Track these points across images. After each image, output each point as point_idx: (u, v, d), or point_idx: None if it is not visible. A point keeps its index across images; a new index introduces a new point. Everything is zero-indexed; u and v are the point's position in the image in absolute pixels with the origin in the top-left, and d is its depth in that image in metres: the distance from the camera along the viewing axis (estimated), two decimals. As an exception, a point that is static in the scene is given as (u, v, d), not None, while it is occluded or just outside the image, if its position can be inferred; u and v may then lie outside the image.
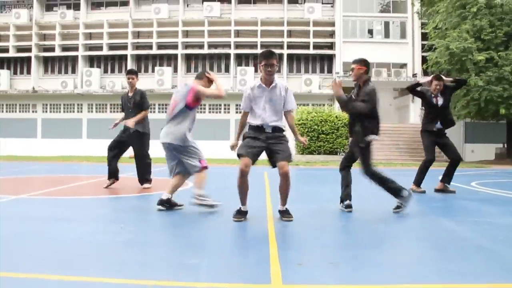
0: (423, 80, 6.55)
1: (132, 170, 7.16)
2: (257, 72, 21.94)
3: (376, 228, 3.96)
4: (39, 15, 26.01)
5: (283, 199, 4.16)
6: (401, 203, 4.53)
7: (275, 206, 4.43)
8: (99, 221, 4.16)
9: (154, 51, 24.92)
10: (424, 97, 6.39)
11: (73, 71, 25.89)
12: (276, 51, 4.21)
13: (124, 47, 25.07)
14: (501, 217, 4.55)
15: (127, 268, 2.57)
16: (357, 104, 4.50)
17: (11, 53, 25.54)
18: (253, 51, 24.23)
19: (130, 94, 6.66)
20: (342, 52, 23.73)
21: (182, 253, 3.02)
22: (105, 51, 25.15)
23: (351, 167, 4.88)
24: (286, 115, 4.26)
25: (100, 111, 25.41)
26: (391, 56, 24.00)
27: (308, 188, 7.76)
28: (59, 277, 2.35)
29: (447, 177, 6.47)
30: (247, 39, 24.85)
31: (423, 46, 22.72)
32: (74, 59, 25.70)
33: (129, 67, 22.87)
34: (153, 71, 24.92)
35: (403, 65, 24.35)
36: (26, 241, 3.21)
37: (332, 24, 24.65)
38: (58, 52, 25.41)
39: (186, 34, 25.32)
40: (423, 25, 22.64)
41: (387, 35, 24.81)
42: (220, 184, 7.57)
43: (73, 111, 25.65)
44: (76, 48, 25.22)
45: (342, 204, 4.73)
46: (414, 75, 23.51)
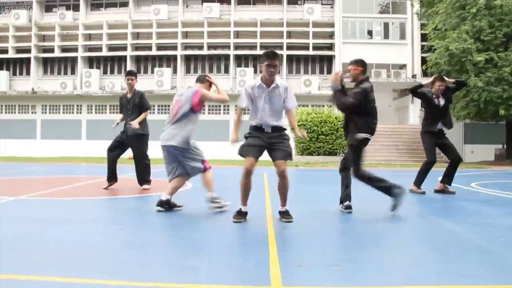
0: (425, 82, 6.58)
1: (131, 171, 7.15)
2: (257, 73, 21.97)
3: (376, 229, 3.95)
4: (39, 16, 26.01)
5: (283, 199, 4.15)
6: (395, 201, 4.47)
7: (275, 207, 4.42)
8: (98, 222, 4.15)
9: (154, 52, 24.91)
10: (426, 98, 6.41)
11: (73, 72, 25.88)
12: (276, 52, 4.21)
13: (124, 48, 25.06)
14: (502, 218, 4.54)
15: (126, 270, 2.56)
16: (344, 98, 4.54)
17: (11, 54, 25.54)
18: (253, 52, 24.24)
19: (129, 95, 6.66)
20: (342, 53, 23.72)
21: (181, 255, 3.01)
22: (105, 52, 25.13)
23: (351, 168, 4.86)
24: (287, 114, 4.26)
25: (100, 112, 25.40)
26: (391, 57, 24.02)
27: (308, 189, 7.76)
28: (59, 279, 2.34)
29: (447, 178, 6.48)
30: (247, 40, 24.84)
31: (423, 47, 22.72)
32: (74, 60, 25.69)
33: (129, 68, 22.86)
34: (153, 72, 24.91)
35: (403, 66, 24.37)
36: (25, 243, 3.20)
37: (332, 25, 24.66)
38: (58, 53, 25.41)
39: (186, 35, 25.30)
40: (423, 26, 22.64)
41: (387, 36, 24.82)
42: (220, 185, 7.48)
43: (73, 112, 25.64)
44: (76, 49, 25.21)
45: (342, 205, 4.73)
46: (414, 76, 23.52)
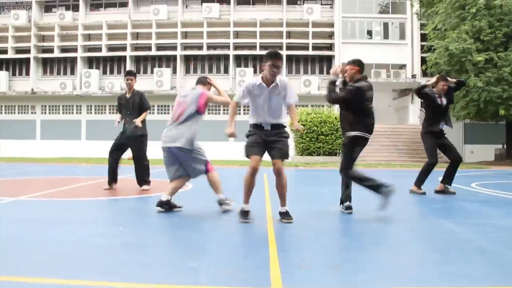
0: (428, 82, 6.60)
1: (131, 172, 7.14)
2: (257, 73, 21.94)
3: (377, 230, 3.94)
4: (38, 16, 25.99)
5: (282, 199, 4.14)
6: (384, 199, 4.38)
7: (275, 208, 4.41)
8: (98, 223, 4.14)
9: (153, 52, 24.90)
10: (429, 98, 6.42)
11: (72, 73, 25.87)
12: (275, 52, 4.19)
13: (123, 48, 25.04)
14: (503, 219, 4.53)
15: (126, 271, 2.55)
16: (334, 92, 4.57)
17: (10, 55, 25.52)
18: (252, 52, 24.23)
19: (128, 96, 6.65)
20: (341, 53, 23.70)
21: (181, 255, 3.00)
22: (104, 52, 25.12)
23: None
24: (288, 109, 4.26)
25: (99, 113, 25.38)
26: (390, 57, 24.01)
27: (308, 190, 7.75)
28: (59, 281, 2.32)
29: (448, 178, 6.48)
30: (246, 40, 24.83)
31: (422, 47, 22.73)
32: (73, 60, 25.68)
33: (128, 68, 22.83)
34: (152, 72, 24.89)
35: (402, 66, 24.36)
36: (25, 244, 3.19)
37: (331, 25, 24.65)
38: (57, 54, 25.39)
39: (185, 35, 25.28)
40: (422, 26, 22.65)
41: (386, 36, 24.82)
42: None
43: (72, 113, 25.62)
44: (75, 49, 25.19)
45: (342, 206, 4.72)
46: (413, 76, 23.52)
